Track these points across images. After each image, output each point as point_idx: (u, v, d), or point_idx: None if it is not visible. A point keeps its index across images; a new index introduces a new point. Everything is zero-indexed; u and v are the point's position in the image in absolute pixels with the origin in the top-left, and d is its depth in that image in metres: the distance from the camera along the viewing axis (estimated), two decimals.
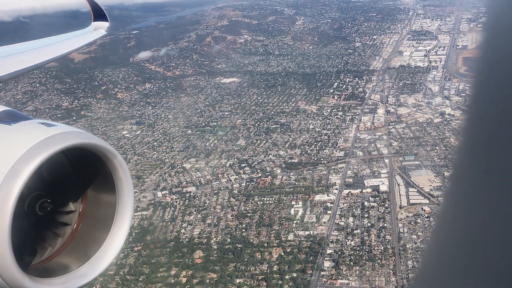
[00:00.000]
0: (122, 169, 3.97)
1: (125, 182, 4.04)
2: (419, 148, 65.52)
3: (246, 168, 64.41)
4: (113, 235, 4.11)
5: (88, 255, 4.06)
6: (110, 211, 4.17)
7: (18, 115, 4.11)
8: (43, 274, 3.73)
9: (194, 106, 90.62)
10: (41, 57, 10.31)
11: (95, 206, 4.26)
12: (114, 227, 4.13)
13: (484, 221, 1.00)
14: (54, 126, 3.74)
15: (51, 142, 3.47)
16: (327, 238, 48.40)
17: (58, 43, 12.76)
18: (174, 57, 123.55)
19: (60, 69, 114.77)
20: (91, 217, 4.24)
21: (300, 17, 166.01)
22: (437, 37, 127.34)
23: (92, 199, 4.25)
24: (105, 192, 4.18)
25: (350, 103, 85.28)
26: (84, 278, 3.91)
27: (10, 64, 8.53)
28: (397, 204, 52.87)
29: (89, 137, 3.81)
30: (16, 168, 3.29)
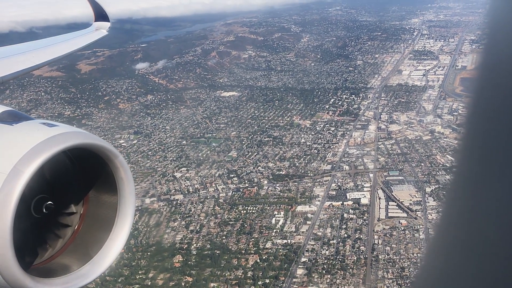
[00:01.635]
0: (123, 170, 3.98)
1: (127, 182, 4.05)
2: (405, 164, 66.71)
3: (234, 179, 66.02)
4: (114, 236, 4.11)
5: (89, 255, 4.07)
6: (112, 212, 4.18)
7: (20, 115, 4.10)
8: (44, 274, 3.73)
9: (192, 118, 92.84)
10: (44, 57, 10.34)
11: (96, 206, 4.26)
12: (116, 227, 4.14)
13: (486, 222, 1.01)
14: (56, 126, 3.74)
15: (53, 142, 3.46)
16: (303, 247, 49.67)
17: (60, 43, 12.93)
18: (178, 70, 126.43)
19: (66, 79, 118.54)
20: (93, 217, 4.24)
21: (306, 35, 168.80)
22: (438, 57, 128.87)
23: (93, 199, 4.25)
24: (107, 193, 4.18)
25: (343, 119, 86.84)
26: (86, 278, 3.92)
27: (13, 64, 8.57)
28: (375, 217, 54.05)
29: (90, 137, 3.81)
30: (17, 168, 3.27)
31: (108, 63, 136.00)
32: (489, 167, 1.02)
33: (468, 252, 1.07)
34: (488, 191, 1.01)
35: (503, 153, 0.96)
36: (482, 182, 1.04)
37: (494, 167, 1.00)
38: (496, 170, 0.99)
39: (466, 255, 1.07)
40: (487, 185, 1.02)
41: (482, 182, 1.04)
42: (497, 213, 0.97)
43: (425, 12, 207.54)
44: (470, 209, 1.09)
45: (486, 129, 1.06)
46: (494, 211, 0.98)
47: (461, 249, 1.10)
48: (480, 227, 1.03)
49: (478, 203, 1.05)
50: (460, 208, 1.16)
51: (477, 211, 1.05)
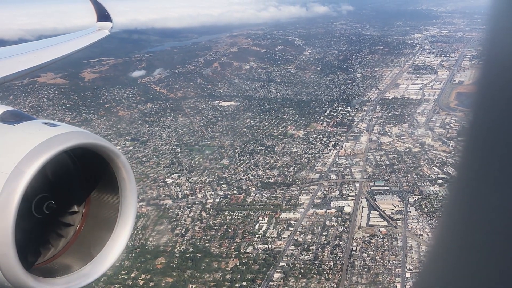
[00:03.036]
0: (125, 169, 3.99)
1: (128, 182, 4.06)
2: (391, 174, 67.74)
3: (224, 185, 67.41)
4: (116, 235, 4.13)
5: (91, 255, 4.08)
6: (113, 211, 4.19)
7: (21, 115, 4.09)
8: (46, 274, 3.74)
9: (188, 126, 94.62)
10: (46, 57, 10.29)
11: (98, 206, 4.27)
12: (117, 227, 4.16)
13: (488, 223, 1.02)
14: (58, 126, 3.74)
15: (55, 142, 3.47)
16: (283, 252, 50.80)
17: (63, 43, 12.83)
18: (179, 80, 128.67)
19: (69, 86, 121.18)
20: (94, 217, 4.25)
21: (309, 48, 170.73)
22: (437, 72, 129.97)
23: (95, 199, 4.26)
24: (108, 192, 4.18)
25: (336, 130, 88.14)
26: (88, 278, 3.94)
27: (15, 64, 8.59)
28: (356, 225, 55.08)
29: (92, 137, 3.81)
30: (19, 168, 3.27)
31: (112, 71, 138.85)
32: (490, 168, 1.03)
33: (469, 252, 1.07)
34: (489, 192, 1.02)
35: (504, 154, 0.96)
36: (483, 183, 1.05)
37: (495, 168, 1.01)
38: (497, 171, 1.00)
39: (468, 255, 1.07)
40: (488, 186, 1.03)
41: (483, 183, 1.05)
42: (498, 215, 0.97)
43: (429, 28, 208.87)
44: (471, 210, 1.10)
45: (487, 130, 1.06)
46: (495, 212, 0.98)
47: (463, 249, 1.11)
48: (481, 228, 1.04)
49: (479, 204, 1.06)
50: (461, 209, 1.18)
51: (478, 212, 1.06)
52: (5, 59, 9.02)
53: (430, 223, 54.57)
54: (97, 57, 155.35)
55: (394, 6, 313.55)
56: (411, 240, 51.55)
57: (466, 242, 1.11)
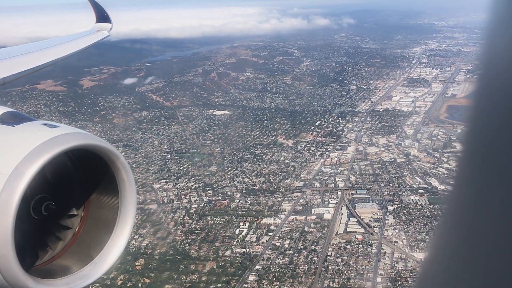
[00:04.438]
0: (125, 171, 4.00)
1: (128, 184, 4.08)
2: (374, 183, 68.92)
3: (209, 192, 68.79)
4: (115, 236, 4.14)
5: (90, 256, 4.09)
6: (113, 213, 4.19)
7: (21, 116, 4.11)
8: (45, 275, 3.75)
9: (180, 134, 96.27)
10: (46, 58, 10.23)
11: (98, 207, 4.27)
12: (117, 228, 4.16)
13: (489, 224, 1.02)
14: (57, 127, 3.74)
15: (54, 143, 3.47)
16: (260, 256, 52.02)
17: (62, 44, 12.76)
18: (176, 89, 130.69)
19: (67, 93, 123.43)
20: (94, 218, 4.27)
21: (307, 59, 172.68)
22: (431, 85, 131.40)
23: (95, 200, 4.27)
24: (108, 194, 4.19)
25: (325, 140, 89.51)
26: (87, 279, 3.95)
27: (14, 65, 8.52)
28: (334, 231, 56.25)
29: (92, 138, 3.82)
30: (19, 169, 3.29)
31: (111, 80, 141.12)
32: (490, 169, 1.04)
33: (469, 254, 1.08)
34: (490, 193, 1.03)
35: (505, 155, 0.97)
36: (484, 184, 1.07)
37: (495, 169, 1.02)
38: (498, 172, 1.01)
39: (468, 257, 1.09)
40: (489, 187, 1.04)
41: (484, 184, 1.06)
42: (498, 216, 0.99)
43: (428, 42, 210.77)
44: (472, 212, 1.11)
45: (487, 131, 1.06)
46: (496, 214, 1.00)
47: (463, 250, 1.12)
48: (482, 229, 1.05)
49: (480, 205, 1.07)
50: (462, 210, 1.18)
51: (479, 213, 1.07)
52: (5, 60, 8.95)
53: (406, 231, 55.71)
54: (97, 65, 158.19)
55: (396, 20, 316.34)
56: (386, 246, 52.66)
57: (466, 243, 1.10)
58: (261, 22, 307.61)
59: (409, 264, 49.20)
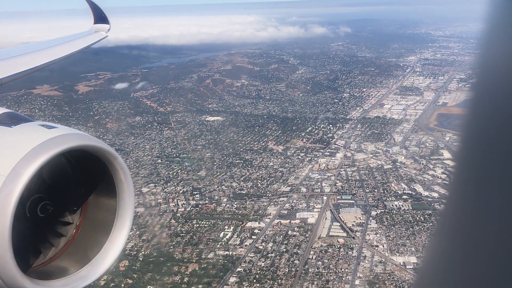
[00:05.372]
0: (123, 171, 4.00)
1: (126, 184, 4.07)
2: (359, 189, 69.81)
3: (197, 196, 69.64)
4: (113, 237, 4.13)
5: (88, 257, 4.08)
6: (111, 213, 4.17)
7: (18, 117, 4.11)
8: (43, 276, 3.74)
9: (172, 139, 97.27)
10: (43, 59, 10.17)
11: (95, 208, 4.25)
12: (115, 229, 4.15)
13: (486, 225, 1.02)
14: (55, 128, 3.74)
15: (52, 144, 3.46)
16: (242, 258, 52.81)
17: (59, 45, 12.60)
18: (171, 95, 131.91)
19: (62, 98, 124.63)
20: (92, 219, 4.25)
21: (302, 67, 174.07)
22: (423, 94, 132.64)
23: (92, 201, 4.25)
24: (106, 194, 4.16)
25: (315, 146, 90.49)
26: (85, 280, 3.94)
27: (12, 66, 8.49)
28: (317, 235, 57.09)
29: (90, 139, 3.80)
30: (17, 170, 3.28)
31: (106, 85, 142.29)
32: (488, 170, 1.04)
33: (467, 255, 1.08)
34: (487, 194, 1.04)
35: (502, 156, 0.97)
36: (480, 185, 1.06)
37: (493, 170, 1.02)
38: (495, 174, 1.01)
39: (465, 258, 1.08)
40: (486, 188, 1.04)
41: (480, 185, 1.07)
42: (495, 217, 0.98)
43: (424, 51, 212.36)
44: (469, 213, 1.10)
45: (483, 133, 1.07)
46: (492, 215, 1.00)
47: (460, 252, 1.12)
48: (479, 230, 1.05)
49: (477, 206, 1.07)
50: (459, 211, 1.18)
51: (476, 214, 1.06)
52: (2, 61, 8.86)
53: (387, 235, 56.52)
54: (94, 71, 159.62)
55: (393, 29, 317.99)
56: (366, 250, 53.46)
57: (463, 246, 1.11)
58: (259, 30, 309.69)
59: (388, 268, 50.00)
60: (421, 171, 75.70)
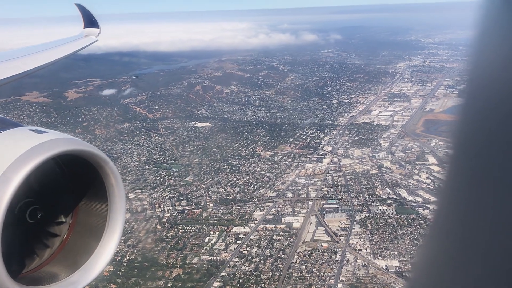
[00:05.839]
0: (114, 176, 3.97)
1: (117, 189, 4.03)
2: (345, 194, 70.40)
3: (183, 201, 69.89)
4: (104, 243, 4.10)
5: (79, 263, 4.04)
6: (101, 218, 4.13)
7: (7, 121, 4.09)
8: (33, 282, 3.71)
9: (160, 145, 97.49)
10: (33, 63, 10.07)
11: (86, 213, 4.21)
12: (106, 234, 4.11)
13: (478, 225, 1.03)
14: (45, 132, 3.70)
15: (42, 148, 3.41)
16: (226, 263, 53.10)
17: (49, 50, 12.44)
18: (160, 101, 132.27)
19: (51, 105, 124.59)
20: (82, 225, 4.22)
21: (292, 74, 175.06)
22: (411, 100, 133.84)
23: (83, 206, 4.21)
24: (97, 199, 4.13)
25: (302, 152, 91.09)
26: (76, 285, 3.91)
27: (1, 71, 8.38)
28: (301, 240, 57.51)
29: (80, 143, 3.79)
30: (6, 175, 3.23)
31: (96, 92, 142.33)
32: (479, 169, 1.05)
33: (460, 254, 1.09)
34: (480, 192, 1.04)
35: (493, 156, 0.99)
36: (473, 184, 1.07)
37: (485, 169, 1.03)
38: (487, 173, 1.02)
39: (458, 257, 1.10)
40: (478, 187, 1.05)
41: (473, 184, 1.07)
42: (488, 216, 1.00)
43: (413, 58, 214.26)
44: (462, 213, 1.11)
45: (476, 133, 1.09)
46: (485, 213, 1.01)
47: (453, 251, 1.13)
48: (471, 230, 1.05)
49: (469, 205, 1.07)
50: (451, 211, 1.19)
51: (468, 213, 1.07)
52: None
53: (371, 239, 57.06)
54: (84, 78, 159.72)
55: (384, 36, 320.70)
56: (350, 254, 53.94)
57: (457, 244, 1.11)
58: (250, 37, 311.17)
59: (370, 271, 50.49)
60: (406, 176, 76.44)
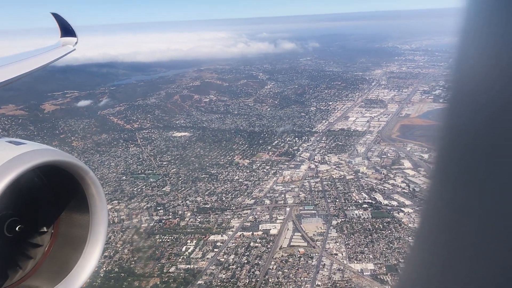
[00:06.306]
0: (95, 186, 3.92)
1: (98, 199, 3.99)
2: (322, 199, 71.06)
3: (160, 211, 69.71)
4: (87, 254, 4.07)
5: (61, 275, 3.99)
6: (83, 229, 4.09)
7: None
8: None
9: (138, 156, 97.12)
10: (8, 74, 9.79)
11: (68, 225, 4.15)
12: (88, 246, 4.08)
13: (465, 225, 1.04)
14: (24, 144, 3.62)
15: (21, 160, 3.33)
16: (203, 271, 53.13)
17: (26, 60, 12.22)
18: (138, 112, 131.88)
19: (27, 117, 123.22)
20: (64, 236, 4.16)
21: (271, 82, 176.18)
22: (387, 106, 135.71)
23: (64, 217, 4.15)
24: (78, 210, 4.07)
25: (280, 159, 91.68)
26: None
27: None
28: (278, 246, 57.86)
29: (59, 154, 3.69)
30: None
31: (73, 103, 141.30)
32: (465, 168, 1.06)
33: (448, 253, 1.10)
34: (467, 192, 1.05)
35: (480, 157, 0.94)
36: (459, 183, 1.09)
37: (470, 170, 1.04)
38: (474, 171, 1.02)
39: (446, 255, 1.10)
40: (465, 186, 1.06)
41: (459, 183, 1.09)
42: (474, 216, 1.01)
43: (390, 64, 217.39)
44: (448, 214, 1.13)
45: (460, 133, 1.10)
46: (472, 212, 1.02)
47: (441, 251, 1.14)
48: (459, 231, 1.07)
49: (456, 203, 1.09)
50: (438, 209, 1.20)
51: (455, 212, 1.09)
52: None
53: (347, 243, 57.68)
54: (62, 90, 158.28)
55: (361, 44, 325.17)
56: (326, 259, 54.45)
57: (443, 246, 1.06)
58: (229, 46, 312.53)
59: (346, 275, 51.02)
60: (381, 180, 77.50)
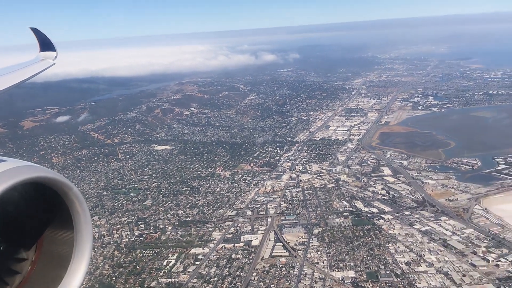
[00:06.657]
0: (79, 202, 3.85)
1: (83, 216, 3.92)
2: (303, 209, 71.24)
3: (141, 225, 69.15)
4: (72, 271, 3.99)
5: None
6: (68, 246, 4.03)
7: None
8: None
9: (119, 170, 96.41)
10: None
11: (52, 242, 4.08)
12: (73, 262, 4.00)
13: None
14: (4, 161, 3.59)
15: (3, 177, 3.29)
16: (185, 284, 52.71)
17: (5, 76, 12.02)
18: (118, 126, 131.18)
19: (6, 135, 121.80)
20: (48, 253, 4.09)
21: (252, 93, 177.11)
22: (367, 114, 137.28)
23: (48, 235, 4.08)
24: (62, 227, 4.00)
25: (262, 170, 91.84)
26: None
27: None
28: (260, 256, 57.73)
29: (42, 170, 3.65)
30: None
31: (53, 119, 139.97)
32: None
33: None
34: None
35: None
36: None
37: None
38: None
39: None
40: None
41: None
42: None
43: (369, 73, 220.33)
44: None
45: None
46: None
47: None
48: None
49: None
50: None
51: None
52: None
53: (328, 252, 57.81)
54: (42, 106, 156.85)
55: (341, 54, 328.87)
56: (307, 268, 54.45)
57: None
58: (210, 59, 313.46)
59: (327, 283, 51.07)
60: (362, 188, 78.11)
